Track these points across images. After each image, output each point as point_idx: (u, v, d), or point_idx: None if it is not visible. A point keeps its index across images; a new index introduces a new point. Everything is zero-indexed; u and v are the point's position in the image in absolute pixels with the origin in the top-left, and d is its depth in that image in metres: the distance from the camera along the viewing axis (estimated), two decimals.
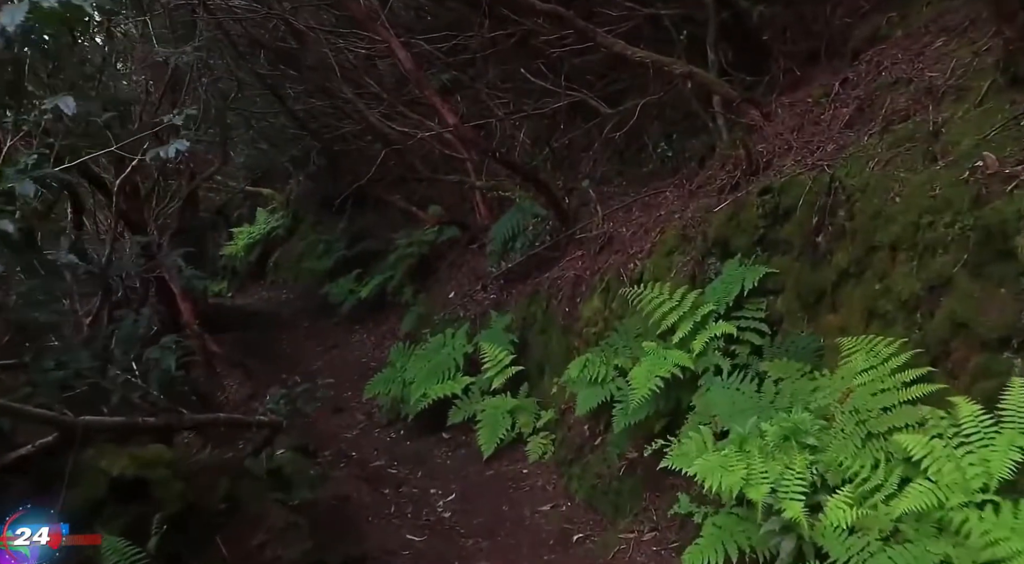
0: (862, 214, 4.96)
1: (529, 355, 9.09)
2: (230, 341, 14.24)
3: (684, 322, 5.90)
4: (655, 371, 5.68)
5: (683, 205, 7.75)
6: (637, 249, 7.76)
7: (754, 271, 5.73)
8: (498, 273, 10.38)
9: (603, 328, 7.66)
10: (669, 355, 5.77)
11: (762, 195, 5.84)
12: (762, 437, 4.00)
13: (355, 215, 16.67)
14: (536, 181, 9.66)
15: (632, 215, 8.96)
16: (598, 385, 6.66)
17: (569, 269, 8.98)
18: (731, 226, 6.18)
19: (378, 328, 14.18)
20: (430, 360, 9.57)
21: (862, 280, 4.92)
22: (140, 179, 11.31)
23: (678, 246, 7.06)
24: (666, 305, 6.09)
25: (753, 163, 6.68)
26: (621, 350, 6.61)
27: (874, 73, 6.29)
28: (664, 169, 9.71)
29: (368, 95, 11.89)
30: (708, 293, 6.04)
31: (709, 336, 5.73)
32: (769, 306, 5.74)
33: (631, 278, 7.45)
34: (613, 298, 7.67)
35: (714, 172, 7.66)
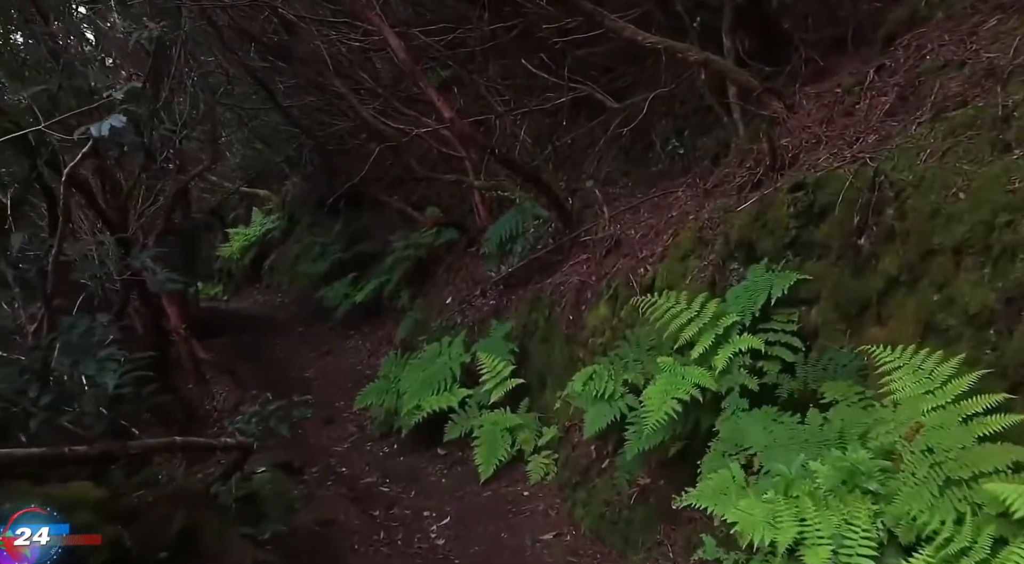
0: (916, 213, 4.20)
1: (530, 366, 8.33)
2: (221, 346, 13.50)
3: (704, 335, 5.13)
4: (672, 391, 4.92)
5: (698, 205, 6.99)
6: (647, 253, 7.01)
7: (784, 277, 4.96)
8: (498, 278, 9.63)
9: (611, 338, 6.90)
10: (688, 373, 5.01)
11: (793, 192, 5.08)
12: (812, 480, 3.22)
13: (351, 217, 15.92)
14: (537, 181, 8.90)
15: (640, 216, 8.21)
16: (606, 402, 5.91)
17: (573, 274, 8.22)
18: (756, 227, 5.42)
19: (374, 333, 13.42)
20: (425, 370, 8.81)
21: (916, 289, 4.16)
22: (123, 176, 10.59)
23: (694, 249, 6.30)
24: (683, 315, 5.31)
25: (778, 158, 5.91)
26: (632, 364, 5.84)
27: (915, 58, 5.53)
28: (674, 167, 8.96)
29: (363, 91, 11.14)
30: (730, 302, 5.27)
31: (733, 351, 4.96)
32: (802, 317, 4.97)
33: (641, 284, 6.70)
34: (622, 306, 6.91)
35: (732, 169, 6.91)
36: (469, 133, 8.34)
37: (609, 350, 6.81)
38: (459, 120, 8.39)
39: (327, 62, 10.09)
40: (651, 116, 9.79)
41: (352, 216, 15.89)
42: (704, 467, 4.51)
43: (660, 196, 8.30)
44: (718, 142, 8.02)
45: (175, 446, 5.04)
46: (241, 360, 12.91)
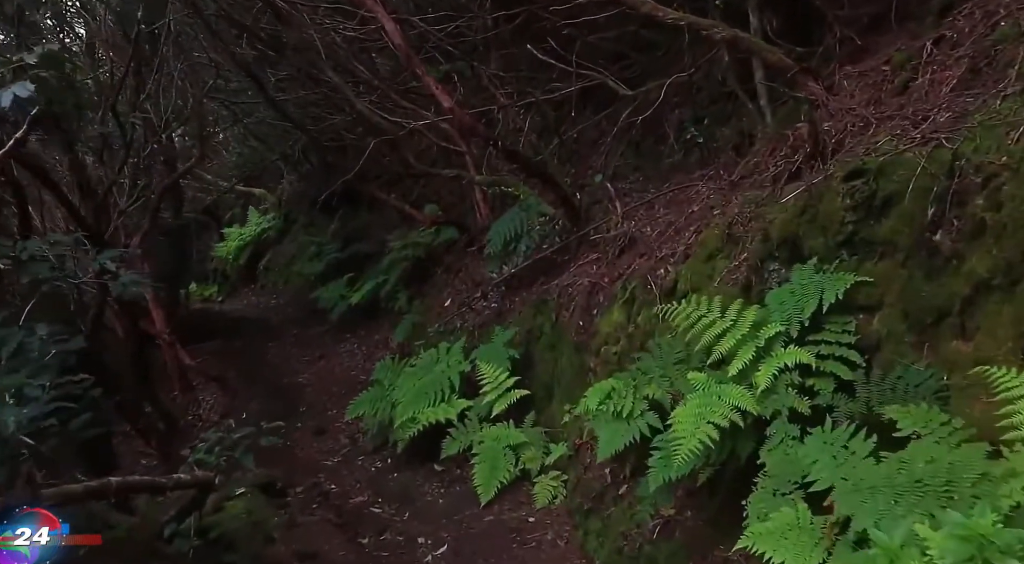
0: (1014, 201, 3.33)
1: (535, 376, 7.48)
2: (212, 350, 12.68)
3: (743, 348, 4.26)
4: (707, 414, 4.06)
5: (723, 199, 6.14)
6: (667, 252, 6.15)
7: (838, 280, 4.10)
8: (500, 279, 8.77)
9: (626, 347, 6.04)
10: (725, 393, 4.14)
11: (850, 180, 4.21)
12: (924, 552, 2.35)
13: (348, 215, 15.06)
14: (543, 175, 8.05)
15: (656, 213, 7.35)
16: (623, 421, 5.07)
17: (582, 275, 7.36)
18: (803, 222, 4.55)
19: (370, 337, 12.55)
20: (421, 378, 7.94)
21: (1015, 294, 3.30)
22: (104, 172, 9.75)
23: (722, 248, 5.44)
24: (718, 325, 4.45)
25: (819, 144, 5.05)
26: (657, 379, 4.96)
27: (983, 26, 4.67)
28: (690, 160, 8.11)
29: (360, 86, 10.26)
30: (772, 308, 4.40)
31: (777, 366, 4.09)
32: (860, 327, 4.10)
33: (662, 287, 5.85)
34: (639, 310, 6.05)
35: (762, 159, 6.05)
36: (470, 124, 7.48)
37: (625, 360, 5.98)
38: (459, 110, 7.54)
39: (320, 52, 9.22)
40: (664, 107, 8.96)
41: (349, 215, 15.04)
42: (752, 506, 3.65)
43: (677, 190, 7.45)
44: (740, 131, 7.17)
45: (109, 490, 4.10)
46: (231, 365, 12.06)
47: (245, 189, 17.76)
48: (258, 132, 15.81)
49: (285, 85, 11.25)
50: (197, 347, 12.71)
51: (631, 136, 9.65)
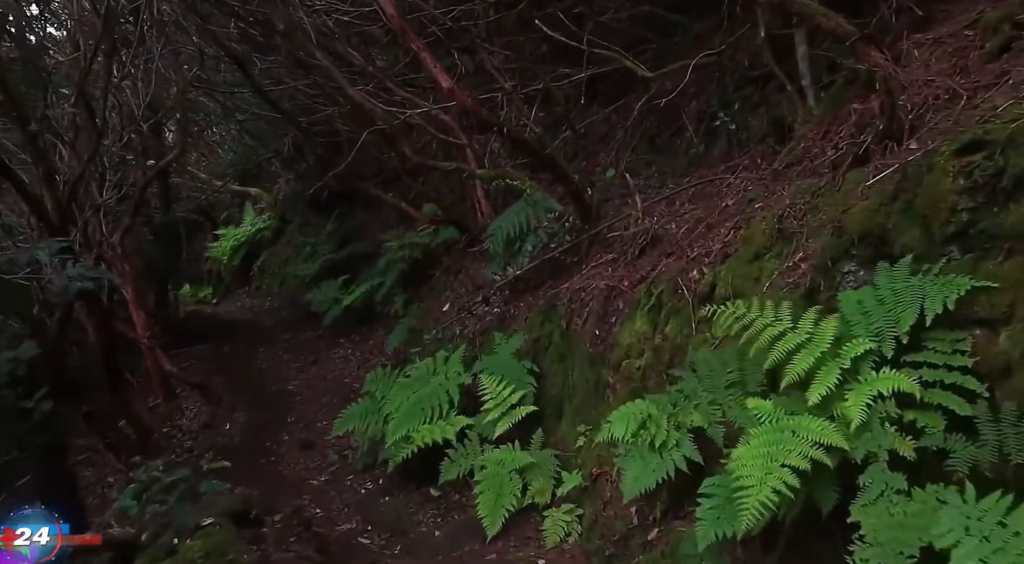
0: None
1: (543, 390, 6.43)
2: (200, 355, 11.62)
3: (824, 369, 3.22)
4: (779, 455, 3.03)
5: (765, 190, 5.10)
6: (700, 251, 5.10)
7: (946, 285, 3.07)
8: (503, 282, 7.70)
9: (652, 361, 5.00)
10: (802, 427, 3.10)
11: (963, 155, 3.16)
12: None
13: (345, 215, 14.00)
14: (552, 166, 7.01)
15: (679, 208, 6.33)
16: (655, 453, 4.04)
17: (596, 278, 6.31)
18: (893, 211, 3.50)
19: (364, 342, 11.50)
20: (416, 391, 6.87)
21: None
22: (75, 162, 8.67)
23: (771, 246, 4.40)
24: (789, 339, 3.39)
25: (895, 120, 4.02)
26: (705, 406, 3.90)
27: None
28: (713, 151, 7.09)
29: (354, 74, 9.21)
30: (852, 320, 3.36)
31: (870, 395, 3.05)
32: (980, 347, 3.04)
33: (696, 292, 4.81)
34: (667, 319, 5.00)
35: (811, 143, 5.03)
36: (472, 106, 6.43)
37: (651, 377, 4.95)
38: (460, 90, 6.50)
39: (310, 35, 8.17)
40: (681, 98, 7.99)
41: (346, 214, 13.98)
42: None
43: (703, 184, 6.43)
44: (777, 116, 6.14)
45: None
46: (219, 371, 11.02)
47: (241, 188, 16.65)
48: (253, 129, 14.77)
49: (273, 72, 10.15)
50: (186, 351, 11.68)
51: (644, 129, 8.66)
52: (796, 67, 5.77)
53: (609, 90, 9.72)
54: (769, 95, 6.46)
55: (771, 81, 6.37)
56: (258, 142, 14.87)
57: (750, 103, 6.54)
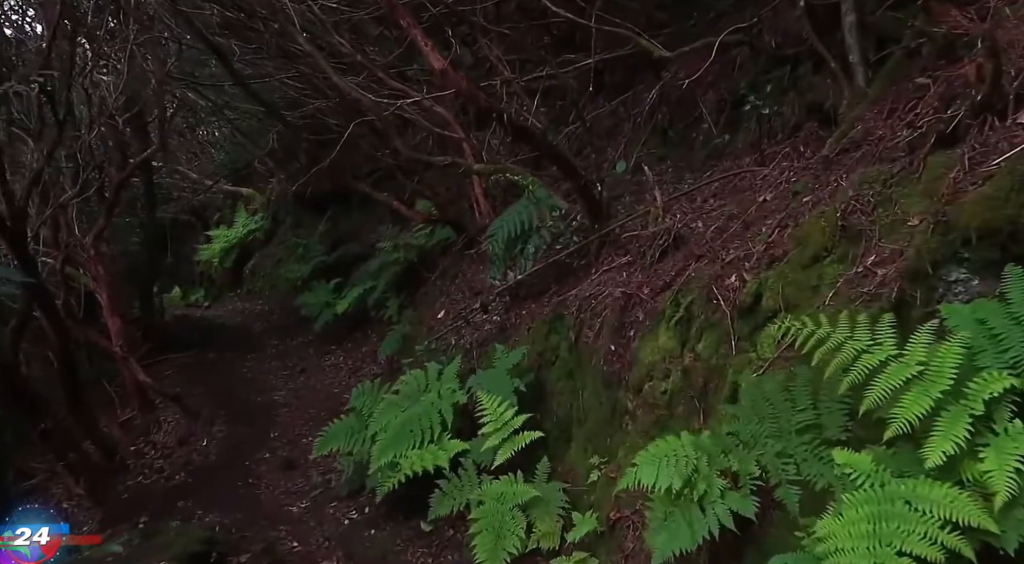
0: None
1: (549, 412, 5.50)
2: (183, 363, 10.65)
3: (948, 415, 2.28)
4: (892, 536, 2.10)
5: (815, 181, 4.17)
6: (738, 253, 4.16)
7: None
8: (503, 287, 6.75)
9: (682, 384, 4.06)
10: (923, 498, 2.16)
11: None
12: None
13: (338, 215, 13.05)
14: (558, 158, 6.07)
15: (704, 205, 5.41)
16: (694, 505, 3.08)
17: (609, 284, 5.37)
18: None
19: (357, 349, 10.56)
20: (405, 410, 5.92)
21: None
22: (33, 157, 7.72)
23: (833, 246, 3.46)
24: (895, 372, 2.44)
25: (997, 90, 3.09)
26: (771, 456, 2.91)
27: None
28: (738, 141, 6.20)
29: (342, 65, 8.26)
30: (974, 345, 2.41)
31: (1016, 454, 2.11)
32: None
33: (735, 302, 3.87)
34: (700, 334, 4.06)
35: (872, 124, 4.09)
36: (468, 90, 5.48)
37: (680, 403, 4.02)
38: (454, 73, 5.55)
39: (293, 19, 7.22)
40: (697, 87, 7.13)
41: (339, 215, 13.04)
42: None
43: (732, 176, 5.50)
44: (817, 99, 5.21)
45: None
46: (201, 380, 10.06)
47: (233, 188, 15.68)
48: (244, 128, 13.83)
49: (259, 64, 9.19)
50: (169, 358, 10.72)
51: (656, 121, 7.74)
52: (840, 42, 4.85)
53: (616, 82, 8.80)
54: (803, 77, 5.53)
55: (806, 61, 5.46)
56: (249, 141, 13.90)
57: (782, 86, 5.59)
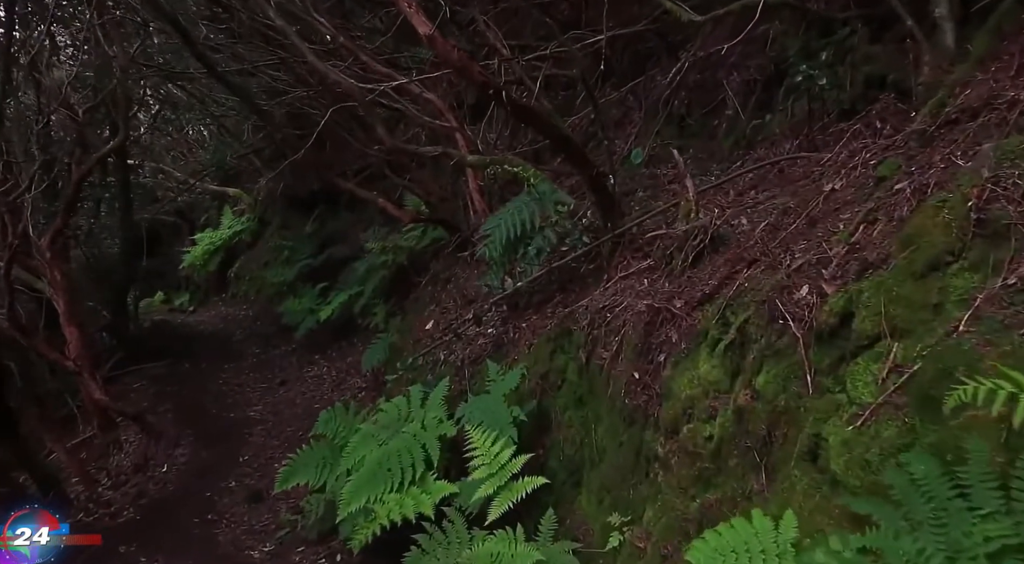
0: None
1: (554, 448, 4.41)
2: (152, 375, 9.51)
3: None
4: None
5: (910, 162, 3.05)
6: (807, 257, 3.06)
7: None
8: (500, 296, 5.63)
9: (734, 429, 2.97)
10: None
11: None
12: None
13: (326, 216, 11.93)
14: (565, 144, 4.95)
15: (744, 198, 4.31)
16: None
17: (627, 293, 4.27)
18: None
19: (341, 359, 9.46)
20: (383, 443, 4.81)
21: None
22: None
23: (962, 248, 2.37)
24: None
25: None
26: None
27: None
28: (773, 126, 5.11)
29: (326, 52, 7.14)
30: None
31: None
32: None
33: (812, 324, 2.75)
34: (759, 363, 2.95)
35: (986, 87, 2.97)
36: (459, 61, 4.36)
37: (733, 456, 2.93)
38: (444, 42, 4.44)
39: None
40: (720, 70, 6.16)
41: (327, 215, 11.92)
42: None
43: (773, 165, 4.40)
44: (871, 69, 4.12)
45: None
46: (171, 394, 8.95)
47: (219, 188, 14.55)
48: (230, 124, 12.73)
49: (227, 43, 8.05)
50: (140, 369, 9.60)
51: (672, 109, 6.68)
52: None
53: (624, 68, 7.71)
54: (858, 46, 4.43)
55: (861, 27, 4.36)
56: (235, 138, 12.78)
57: (838, 54, 4.47)
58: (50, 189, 8.46)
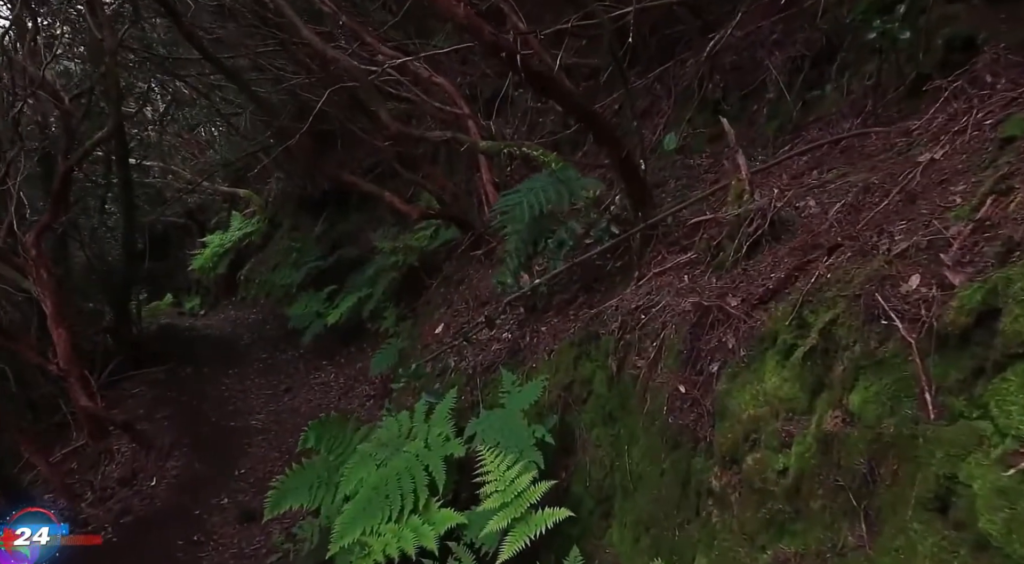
0: None
1: (579, 471, 3.67)
2: (151, 381, 8.82)
3: None
4: None
5: None
6: (916, 239, 2.30)
7: None
8: (515, 295, 4.87)
9: (818, 462, 2.21)
10: None
11: None
12: None
13: (336, 216, 11.24)
14: (591, 119, 4.21)
15: (806, 179, 3.54)
16: None
17: (667, 291, 3.53)
18: None
19: (350, 365, 8.76)
20: (380, 465, 4.08)
21: None
22: None
23: None
24: None
25: None
26: None
27: None
28: (825, 102, 4.35)
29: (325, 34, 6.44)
30: None
31: None
32: None
33: (929, 321, 2.00)
34: (852, 377, 2.20)
35: None
36: (465, 16, 3.63)
37: (815, 495, 2.17)
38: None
39: None
40: (762, 48, 5.47)
41: (337, 216, 11.22)
42: None
43: (837, 142, 3.65)
44: (951, 32, 3.37)
45: None
46: (169, 401, 8.24)
47: (229, 190, 13.91)
48: (238, 122, 12.08)
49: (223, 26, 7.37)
50: (138, 375, 8.92)
51: (705, 93, 5.94)
52: None
53: (650, 55, 6.98)
54: (935, 4, 3.67)
55: None
56: (243, 138, 12.13)
57: (913, 13, 3.71)
58: (45, 183, 7.80)
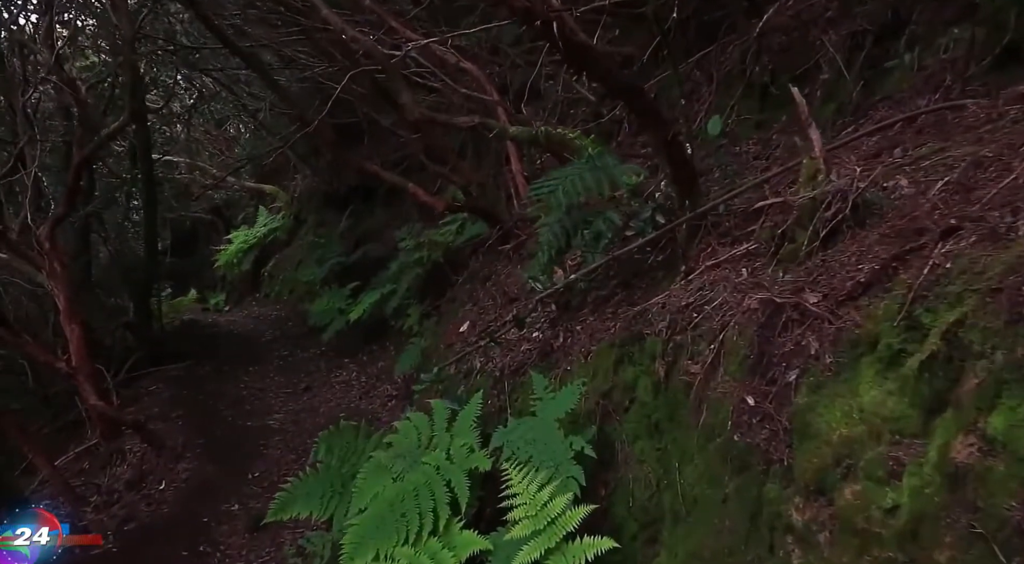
0: None
1: (620, 490, 3.16)
2: (169, 378, 8.44)
3: None
4: None
5: None
6: None
7: None
8: (547, 292, 4.37)
9: (944, 502, 1.67)
10: None
11: None
12: None
13: (362, 213, 10.82)
14: (633, 96, 3.68)
15: (888, 157, 3.01)
16: None
17: (723, 286, 3.02)
18: None
19: (372, 364, 8.32)
20: (396, 478, 3.60)
21: None
22: None
23: None
24: None
25: None
26: None
27: None
28: (899, 78, 3.81)
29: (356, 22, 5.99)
30: None
31: None
32: None
33: None
34: (992, 394, 1.67)
35: None
36: None
37: (943, 544, 1.63)
38: None
39: None
40: (815, 27, 4.98)
41: (363, 212, 10.81)
42: None
43: (918, 117, 3.13)
44: None
45: None
46: (186, 399, 7.84)
47: (255, 186, 13.55)
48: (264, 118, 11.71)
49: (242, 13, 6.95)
50: (157, 372, 8.55)
51: (751, 78, 5.41)
52: None
53: (689, 43, 6.46)
54: None
55: None
56: (270, 133, 11.76)
57: None
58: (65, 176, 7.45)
